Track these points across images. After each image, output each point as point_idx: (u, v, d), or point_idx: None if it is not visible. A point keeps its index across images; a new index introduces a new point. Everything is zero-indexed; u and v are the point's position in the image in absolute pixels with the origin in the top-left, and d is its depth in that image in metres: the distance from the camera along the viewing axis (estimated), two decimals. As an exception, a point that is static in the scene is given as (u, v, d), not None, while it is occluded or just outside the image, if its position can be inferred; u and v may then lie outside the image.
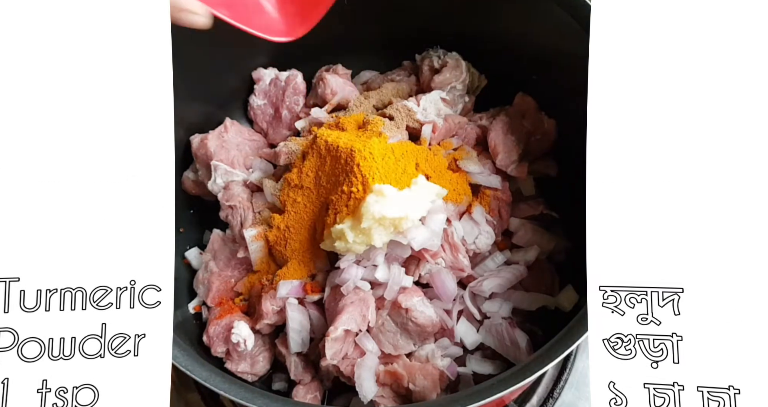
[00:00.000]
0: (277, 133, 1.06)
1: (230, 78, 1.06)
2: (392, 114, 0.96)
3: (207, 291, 0.94)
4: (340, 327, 0.80)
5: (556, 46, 0.90)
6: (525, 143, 0.96)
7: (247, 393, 0.69)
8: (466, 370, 0.87)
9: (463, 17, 1.00)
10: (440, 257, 0.86)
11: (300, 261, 0.89)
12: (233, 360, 0.89)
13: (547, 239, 0.95)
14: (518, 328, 0.87)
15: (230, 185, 0.96)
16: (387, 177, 0.82)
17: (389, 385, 0.84)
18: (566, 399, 1.00)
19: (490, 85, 1.07)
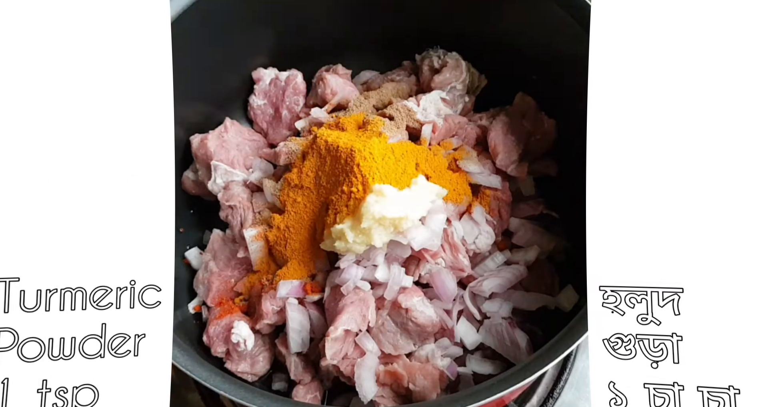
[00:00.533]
0: (277, 133, 1.06)
1: (230, 78, 1.06)
2: (392, 114, 0.96)
3: (207, 291, 0.94)
4: (340, 327, 0.80)
5: (556, 46, 0.90)
6: (525, 143, 0.96)
7: (247, 393, 0.69)
8: (466, 370, 0.87)
9: (463, 17, 1.00)
10: (440, 257, 0.86)
11: (300, 261, 0.89)
12: (233, 360, 0.89)
13: (547, 239, 0.95)
14: (518, 328, 0.87)
15: (230, 185, 0.96)
16: (387, 177, 0.82)
17: (389, 385, 0.84)
18: (566, 399, 1.00)
19: (490, 85, 1.07)
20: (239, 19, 0.95)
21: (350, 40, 1.07)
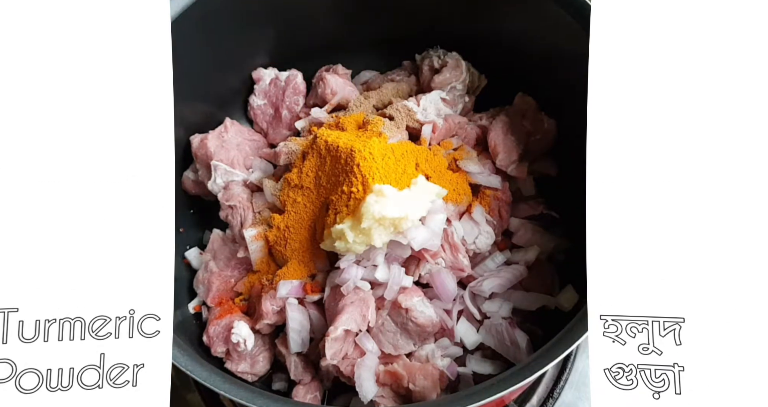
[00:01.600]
0: (277, 133, 1.06)
1: (230, 78, 1.06)
2: (392, 114, 0.96)
3: (207, 291, 0.94)
4: (340, 327, 0.80)
5: (556, 46, 0.90)
6: (525, 143, 0.96)
7: (247, 393, 0.69)
8: (466, 370, 0.87)
9: (463, 17, 1.00)
10: (440, 257, 0.87)
11: (300, 261, 0.89)
12: (233, 360, 0.89)
13: (547, 239, 0.95)
14: (518, 328, 0.87)
15: (230, 185, 0.96)
16: (387, 177, 0.82)
17: (389, 385, 0.84)
18: (566, 399, 1.00)
19: (490, 85, 1.07)
20: (239, 19, 0.95)
21: (350, 40, 1.07)
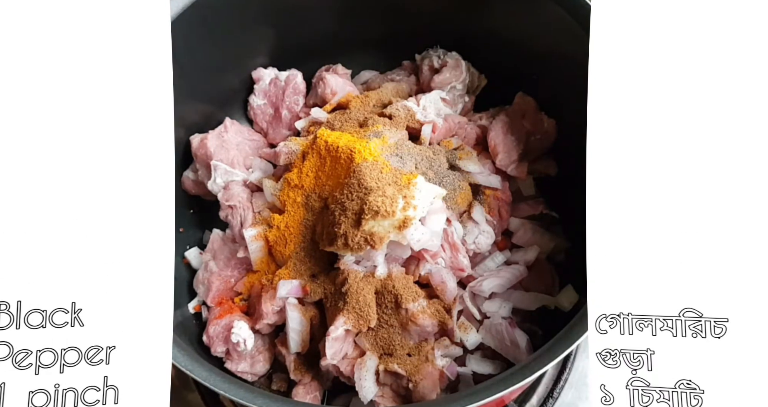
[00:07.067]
0: (277, 133, 1.06)
1: (230, 78, 1.06)
2: (392, 114, 0.96)
3: (207, 291, 0.94)
4: (340, 327, 0.80)
5: (556, 46, 0.90)
6: (525, 143, 0.96)
7: (247, 393, 0.69)
8: (466, 370, 0.87)
9: (463, 17, 1.00)
10: (440, 257, 0.86)
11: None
12: (233, 360, 0.89)
13: (547, 239, 0.95)
14: (518, 328, 0.87)
15: (230, 185, 0.96)
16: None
17: (389, 385, 0.84)
18: (566, 399, 1.00)
19: (490, 85, 1.07)
20: (239, 19, 0.95)
21: (350, 40, 1.07)
